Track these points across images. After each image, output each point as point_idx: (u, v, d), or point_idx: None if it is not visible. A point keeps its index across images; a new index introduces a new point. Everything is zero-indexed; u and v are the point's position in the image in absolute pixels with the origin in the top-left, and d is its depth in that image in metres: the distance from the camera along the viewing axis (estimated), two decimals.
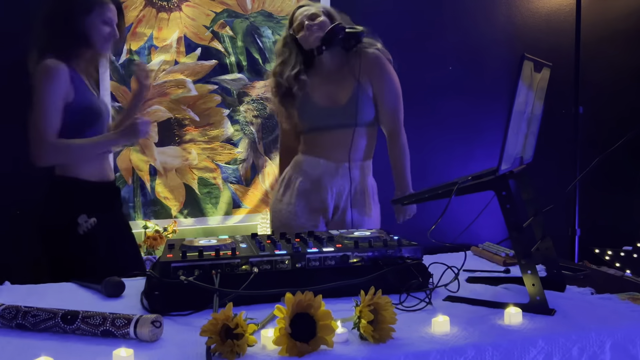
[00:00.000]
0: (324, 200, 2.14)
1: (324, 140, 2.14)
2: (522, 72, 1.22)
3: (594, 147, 2.76)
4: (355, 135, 2.10)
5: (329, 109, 2.12)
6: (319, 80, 2.16)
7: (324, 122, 2.13)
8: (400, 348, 1.07)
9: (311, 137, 2.18)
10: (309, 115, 2.15)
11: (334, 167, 2.12)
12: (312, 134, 2.17)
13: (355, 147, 2.13)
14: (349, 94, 2.11)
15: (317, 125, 2.15)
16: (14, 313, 1.17)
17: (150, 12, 2.85)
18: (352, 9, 3.13)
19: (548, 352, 1.12)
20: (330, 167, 2.13)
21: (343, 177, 2.13)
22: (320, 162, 2.14)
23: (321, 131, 2.14)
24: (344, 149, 2.11)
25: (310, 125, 2.16)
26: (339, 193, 2.14)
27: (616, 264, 3.32)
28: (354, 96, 2.09)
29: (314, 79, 2.16)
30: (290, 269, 1.35)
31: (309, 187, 2.15)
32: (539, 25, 3.48)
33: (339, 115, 2.11)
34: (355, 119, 2.09)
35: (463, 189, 1.33)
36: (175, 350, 1.06)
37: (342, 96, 2.12)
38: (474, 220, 1.53)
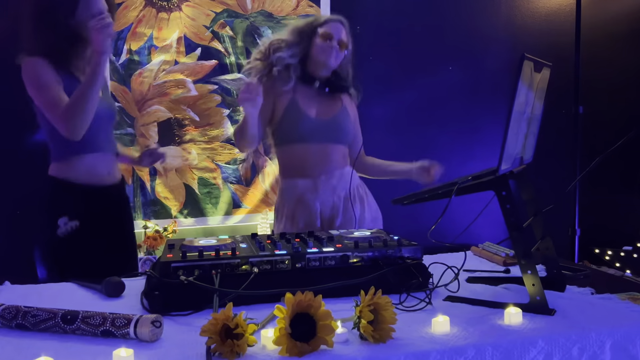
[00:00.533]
0: (310, 218, 2.13)
1: (299, 157, 2.13)
2: (522, 72, 1.22)
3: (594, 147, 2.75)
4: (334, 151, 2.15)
5: (312, 120, 2.12)
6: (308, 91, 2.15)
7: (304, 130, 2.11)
8: (400, 348, 1.07)
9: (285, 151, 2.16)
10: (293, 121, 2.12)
11: (311, 183, 2.12)
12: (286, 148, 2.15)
13: (333, 159, 2.15)
14: (335, 111, 2.16)
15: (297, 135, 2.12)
16: (14, 313, 1.17)
17: (150, 12, 2.85)
18: (352, 10, 3.14)
19: (548, 352, 1.12)
20: (308, 184, 2.12)
21: (324, 189, 2.12)
22: (297, 183, 2.13)
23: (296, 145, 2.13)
24: (320, 163, 2.12)
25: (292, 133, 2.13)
26: (322, 205, 2.13)
27: (616, 264, 3.32)
28: (338, 114, 2.16)
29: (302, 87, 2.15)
30: (290, 269, 1.35)
31: (294, 209, 2.14)
32: (539, 25, 3.48)
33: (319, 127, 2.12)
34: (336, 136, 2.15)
35: (463, 189, 1.33)
36: (175, 350, 1.06)
37: (328, 111, 2.16)
38: (474, 220, 1.53)
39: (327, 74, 2.16)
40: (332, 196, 2.13)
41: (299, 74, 2.14)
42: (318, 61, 2.13)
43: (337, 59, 2.14)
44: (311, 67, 2.14)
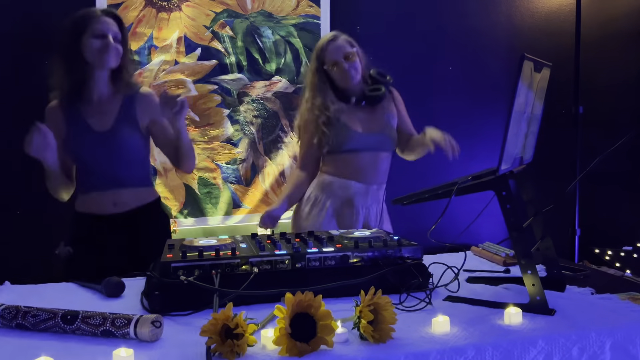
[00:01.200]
0: (355, 220, 2.23)
1: (355, 163, 2.23)
2: (522, 72, 1.22)
3: (594, 147, 2.76)
4: (382, 160, 2.26)
5: (365, 135, 2.22)
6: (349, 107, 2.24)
7: (358, 146, 2.22)
8: (400, 348, 1.07)
9: (341, 159, 2.24)
10: (343, 139, 2.21)
11: (364, 188, 2.23)
12: (343, 156, 2.24)
13: (382, 170, 2.27)
14: (381, 123, 2.26)
15: (351, 148, 2.22)
16: (14, 313, 1.17)
17: (150, 12, 2.85)
18: (352, 10, 3.14)
19: (548, 352, 1.12)
20: (361, 188, 2.23)
21: (372, 199, 2.25)
22: (351, 184, 2.23)
23: (353, 154, 2.23)
24: (373, 172, 2.24)
25: (344, 147, 2.22)
26: (366, 213, 2.25)
27: (616, 264, 3.32)
28: (387, 126, 2.26)
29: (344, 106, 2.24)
30: (290, 269, 1.35)
31: (339, 208, 2.24)
32: (539, 25, 3.48)
33: (372, 141, 2.23)
34: (389, 146, 2.27)
35: (463, 189, 1.33)
36: (175, 350, 1.06)
37: (376, 125, 2.25)
38: (474, 220, 1.53)
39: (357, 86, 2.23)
40: (377, 206, 2.26)
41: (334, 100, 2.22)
42: (346, 86, 2.22)
43: (356, 74, 2.20)
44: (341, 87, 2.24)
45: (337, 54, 2.19)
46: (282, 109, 3.08)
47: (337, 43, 2.21)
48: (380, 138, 2.24)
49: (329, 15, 3.08)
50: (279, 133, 3.10)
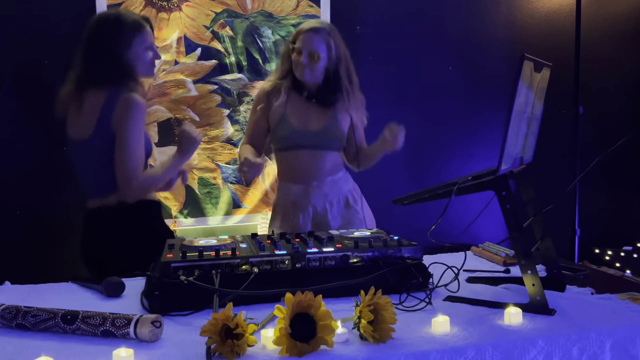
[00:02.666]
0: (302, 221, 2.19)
1: (294, 163, 2.20)
2: (522, 72, 1.22)
3: (594, 147, 2.75)
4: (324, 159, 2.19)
5: (299, 132, 2.17)
6: (299, 102, 2.19)
7: (290, 143, 2.18)
8: (400, 348, 1.07)
9: (282, 158, 2.24)
10: (280, 134, 2.19)
11: (302, 188, 2.19)
12: (283, 155, 2.23)
13: (324, 168, 2.20)
14: (323, 121, 2.18)
15: (285, 145, 2.20)
16: (14, 313, 1.17)
17: (150, 12, 2.85)
18: (352, 10, 3.14)
19: (548, 352, 1.12)
20: (299, 189, 2.20)
21: (316, 194, 2.19)
22: (290, 187, 2.22)
23: (290, 152, 2.20)
24: (313, 171, 2.18)
25: (280, 144, 2.21)
26: (313, 211, 2.20)
27: (616, 264, 3.32)
28: (330, 123, 2.18)
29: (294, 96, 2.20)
30: (290, 269, 1.35)
31: (287, 212, 2.22)
32: (539, 25, 3.48)
33: (307, 138, 2.17)
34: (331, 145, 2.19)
35: (463, 189, 1.33)
36: (175, 350, 1.06)
37: (316, 122, 2.18)
38: (474, 220, 1.53)
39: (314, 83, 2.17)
40: (324, 202, 2.19)
41: (289, 86, 2.19)
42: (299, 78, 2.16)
43: (309, 74, 2.13)
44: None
45: (306, 46, 2.10)
46: None
47: (314, 36, 2.10)
48: (321, 135, 2.16)
49: (329, 15, 3.08)
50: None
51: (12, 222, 2.70)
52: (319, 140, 2.17)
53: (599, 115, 3.49)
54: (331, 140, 2.19)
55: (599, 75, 3.54)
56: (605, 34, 3.58)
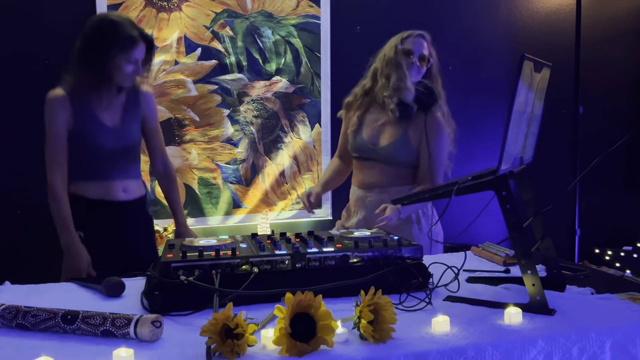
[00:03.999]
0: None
1: (359, 170, 2.24)
2: (522, 72, 1.22)
3: (594, 147, 2.75)
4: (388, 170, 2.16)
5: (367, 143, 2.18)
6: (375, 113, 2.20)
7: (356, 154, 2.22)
8: (400, 348, 1.07)
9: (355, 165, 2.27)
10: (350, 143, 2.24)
11: (364, 194, 2.20)
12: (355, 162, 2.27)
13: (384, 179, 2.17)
14: (394, 139, 2.14)
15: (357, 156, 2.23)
16: (14, 313, 1.17)
17: (150, 12, 2.85)
18: (352, 10, 3.14)
19: (548, 352, 1.12)
20: (362, 193, 2.21)
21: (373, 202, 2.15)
22: (355, 190, 2.25)
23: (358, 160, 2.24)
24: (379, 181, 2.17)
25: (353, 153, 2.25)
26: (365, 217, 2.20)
27: (616, 264, 3.32)
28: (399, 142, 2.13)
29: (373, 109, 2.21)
30: (290, 269, 1.35)
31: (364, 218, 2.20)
32: (539, 25, 3.48)
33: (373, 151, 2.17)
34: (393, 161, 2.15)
35: (463, 189, 1.33)
36: (175, 350, 1.06)
37: (387, 139, 2.16)
38: (474, 220, 1.53)
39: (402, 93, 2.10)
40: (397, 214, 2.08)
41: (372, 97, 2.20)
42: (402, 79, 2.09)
43: (417, 75, 2.14)
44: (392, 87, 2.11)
45: (416, 48, 2.14)
46: (282, 109, 3.08)
47: (423, 41, 2.16)
48: (386, 151, 2.13)
49: (329, 15, 3.08)
50: (279, 133, 3.10)
51: (12, 222, 2.70)
52: (385, 155, 2.15)
53: (599, 115, 3.50)
54: (397, 157, 2.14)
55: (599, 75, 3.54)
56: (605, 34, 3.58)
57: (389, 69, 2.14)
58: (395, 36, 2.19)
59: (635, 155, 3.64)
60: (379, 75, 2.17)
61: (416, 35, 2.16)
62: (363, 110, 2.23)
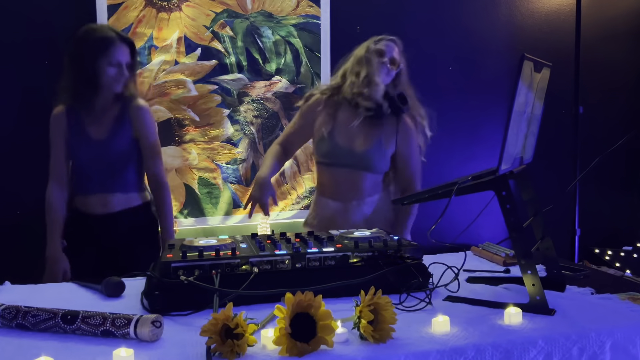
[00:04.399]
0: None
1: (331, 179, 2.16)
2: (522, 72, 1.22)
3: (594, 147, 2.75)
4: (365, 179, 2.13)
5: (343, 149, 2.12)
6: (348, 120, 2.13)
7: (331, 160, 2.14)
8: (400, 348, 1.07)
9: (322, 171, 2.19)
10: (323, 149, 2.15)
11: (342, 207, 2.14)
12: (321, 168, 2.19)
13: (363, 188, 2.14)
14: (369, 143, 2.12)
15: (326, 161, 2.16)
16: (14, 313, 1.17)
17: (150, 12, 2.85)
18: (352, 10, 3.14)
19: (548, 352, 1.12)
20: (339, 206, 2.15)
21: (355, 215, 2.14)
22: (329, 204, 2.17)
23: (329, 167, 2.16)
24: (352, 189, 2.13)
25: (321, 158, 2.17)
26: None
27: (616, 264, 3.32)
28: (374, 147, 2.12)
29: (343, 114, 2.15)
30: (290, 269, 1.35)
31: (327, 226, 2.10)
32: (539, 25, 3.48)
33: (349, 157, 2.12)
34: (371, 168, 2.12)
35: (463, 189, 1.33)
36: (175, 350, 1.06)
37: (360, 144, 2.12)
38: (474, 220, 1.53)
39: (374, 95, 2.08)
40: (364, 222, 2.13)
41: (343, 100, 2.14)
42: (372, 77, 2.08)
43: (387, 77, 2.12)
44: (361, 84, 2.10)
45: (388, 50, 2.13)
46: (282, 109, 3.08)
47: (395, 46, 2.16)
48: (360, 160, 2.10)
49: (329, 15, 3.08)
50: (279, 133, 3.09)
51: (12, 222, 2.70)
52: (360, 162, 2.11)
53: (599, 115, 3.49)
54: (372, 165, 2.12)
55: (599, 75, 3.54)
56: (605, 34, 3.58)
57: (359, 66, 2.12)
58: (368, 40, 2.18)
59: (635, 155, 3.64)
60: (348, 74, 2.15)
61: (389, 40, 2.17)
62: (333, 110, 2.15)
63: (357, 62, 2.13)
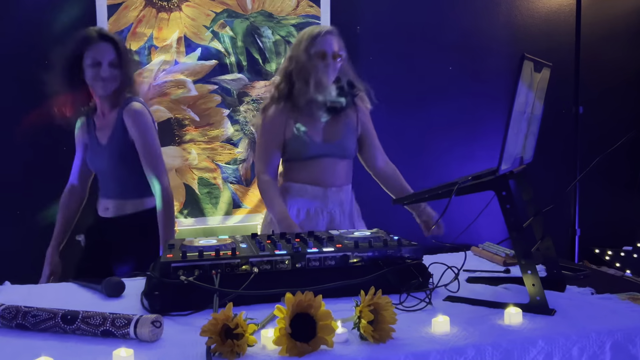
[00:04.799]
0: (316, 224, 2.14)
1: (312, 169, 2.15)
2: (522, 72, 1.22)
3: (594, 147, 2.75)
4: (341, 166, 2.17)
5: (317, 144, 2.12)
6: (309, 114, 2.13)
7: (310, 154, 2.13)
8: (400, 348, 1.07)
9: (298, 166, 2.17)
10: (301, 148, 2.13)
11: (322, 191, 2.15)
12: (300, 164, 2.17)
13: (340, 174, 2.18)
14: (340, 132, 2.15)
15: (304, 157, 2.14)
16: (14, 313, 1.17)
17: (150, 12, 2.85)
18: (352, 10, 3.14)
19: (548, 352, 1.12)
20: (319, 191, 2.15)
21: (333, 201, 2.16)
22: (307, 188, 2.16)
23: (311, 161, 2.15)
24: (331, 176, 2.15)
25: (298, 155, 2.15)
26: (331, 217, 2.16)
27: (616, 264, 3.32)
28: (345, 135, 2.16)
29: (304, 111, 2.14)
30: (290, 269, 1.35)
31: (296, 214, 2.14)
32: (539, 25, 3.48)
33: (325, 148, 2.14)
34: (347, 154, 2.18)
35: (463, 189, 1.33)
36: (175, 350, 1.06)
37: (331, 134, 2.15)
38: (474, 220, 1.53)
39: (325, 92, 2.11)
40: (341, 209, 2.17)
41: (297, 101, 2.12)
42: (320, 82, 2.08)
43: (334, 73, 2.11)
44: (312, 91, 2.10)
45: (330, 47, 2.08)
46: None
47: (333, 37, 2.11)
48: (339, 146, 2.14)
49: (329, 15, 3.08)
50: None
51: (12, 222, 2.70)
52: (336, 150, 2.14)
53: (599, 115, 3.49)
54: (346, 150, 2.16)
55: (599, 75, 3.54)
56: (605, 34, 3.58)
57: (305, 72, 2.08)
58: (305, 34, 2.13)
59: (635, 155, 3.64)
60: (295, 78, 2.11)
61: (325, 34, 2.10)
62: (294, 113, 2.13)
63: (301, 69, 2.09)
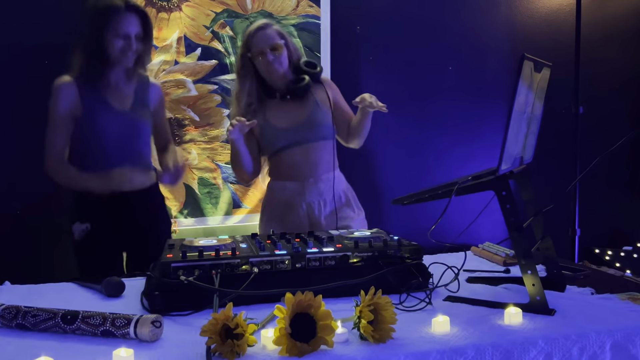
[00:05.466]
0: (296, 220, 2.16)
1: (287, 161, 2.18)
2: (522, 72, 1.22)
3: (594, 147, 2.75)
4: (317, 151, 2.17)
5: (287, 130, 2.15)
6: (275, 103, 2.19)
7: (282, 143, 2.16)
8: (400, 348, 1.07)
9: (274, 159, 2.22)
10: (269, 139, 2.18)
11: (298, 185, 2.16)
12: (274, 157, 2.21)
13: (318, 162, 2.17)
14: (307, 112, 2.17)
15: (277, 147, 2.18)
16: (14, 313, 1.17)
17: (150, 12, 2.85)
18: (352, 10, 3.14)
19: (548, 352, 1.12)
20: (294, 186, 2.16)
21: (311, 193, 2.17)
22: (285, 185, 2.18)
23: (283, 152, 2.18)
24: (307, 165, 2.16)
25: (272, 148, 2.19)
26: (309, 209, 2.17)
27: (616, 264, 3.32)
28: (314, 115, 2.17)
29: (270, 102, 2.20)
30: (290, 269, 1.35)
31: (280, 210, 2.19)
32: (539, 25, 3.48)
33: (297, 133, 2.15)
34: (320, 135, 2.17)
35: (463, 189, 1.33)
36: (175, 350, 1.06)
37: (300, 115, 2.17)
38: (474, 220, 1.53)
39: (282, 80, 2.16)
40: (319, 200, 2.17)
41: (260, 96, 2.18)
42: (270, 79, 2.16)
43: (280, 66, 2.14)
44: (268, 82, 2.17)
45: (264, 43, 2.12)
46: None
47: (266, 32, 2.14)
48: (308, 129, 2.16)
49: (329, 15, 3.08)
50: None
51: (12, 222, 2.70)
52: (309, 131, 2.15)
53: (599, 115, 3.49)
54: (320, 127, 2.17)
55: (599, 75, 3.54)
56: (605, 34, 3.58)
57: (253, 72, 2.17)
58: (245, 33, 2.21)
59: (635, 155, 3.64)
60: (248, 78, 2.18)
61: (255, 32, 2.15)
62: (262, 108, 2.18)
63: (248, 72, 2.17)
